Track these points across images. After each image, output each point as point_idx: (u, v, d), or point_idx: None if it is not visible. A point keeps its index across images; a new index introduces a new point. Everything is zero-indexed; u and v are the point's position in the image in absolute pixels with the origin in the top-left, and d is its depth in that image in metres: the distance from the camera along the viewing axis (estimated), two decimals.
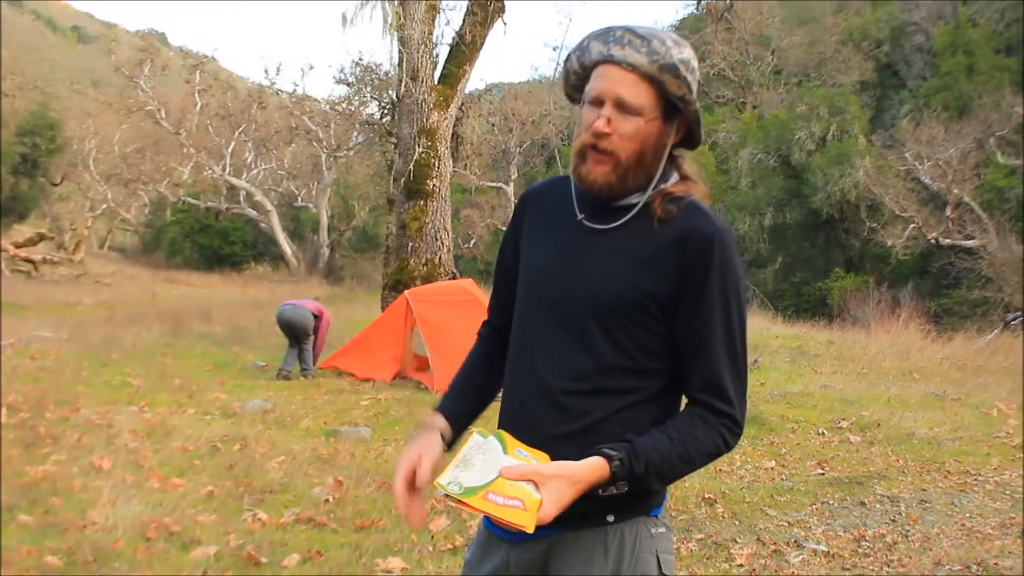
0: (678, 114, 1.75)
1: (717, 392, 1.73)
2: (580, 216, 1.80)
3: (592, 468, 1.63)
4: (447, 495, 1.58)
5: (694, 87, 1.73)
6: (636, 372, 1.73)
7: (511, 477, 1.59)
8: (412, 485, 1.76)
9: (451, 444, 1.91)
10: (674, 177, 1.80)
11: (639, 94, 1.70)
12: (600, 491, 1.65)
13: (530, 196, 1.99)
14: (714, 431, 1.72)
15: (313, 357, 10.85)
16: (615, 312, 1.72)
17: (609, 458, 1.63)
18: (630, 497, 1.68)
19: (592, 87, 1.74)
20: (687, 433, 1.71)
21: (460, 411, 1.96)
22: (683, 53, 1.70)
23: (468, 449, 1.65)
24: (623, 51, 1.69)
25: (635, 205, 1.75)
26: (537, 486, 1.58)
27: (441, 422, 1.90)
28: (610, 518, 1.72)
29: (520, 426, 1.78)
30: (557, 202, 1.86)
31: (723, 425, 1.73)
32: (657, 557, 1.77)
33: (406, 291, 10.93)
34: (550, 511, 1.57)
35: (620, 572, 1.74)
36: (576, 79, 1.81)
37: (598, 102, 1.72)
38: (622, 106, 1.70)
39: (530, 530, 1.54)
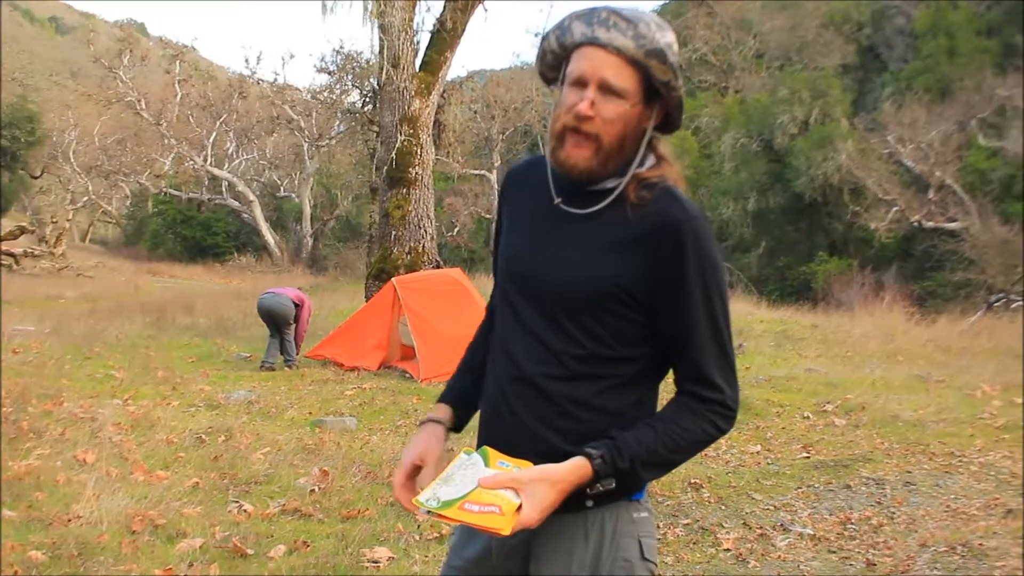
0: (659, 98, 1.72)
1: (703, 381, 1.72)
2: (557, 200, 1.77)
3: (573, 468, 1.62)
4: (428, 512, 1.59)
5: (679, 72, 1.71)
6: (613, 360, 1.72)
7: (489, 486, 1.59)
8: (412, 485, 1.81)
9: (459, 423, 1.96)
10: (650, 160, 1.76)
11: (623, 77, 1.66)
12: (588, 489, 1.65)
13: (512, 175, 1.98)
14: (702, 418, 1.71)
15: (296, 346, 10.81)
16: (587, 301, 1.70)
17: (590, 457, 1.63)
18: None
19: (575, 68, 1.69)
20: (672, 423, 1.70)
21: (465, 386, 1.98)
22: (667, 37, 1.67)
23: (452, 467, 1.66)
24: (608, 34, 1.65)
25: (611, 190, 1.72)
26: (517, 492, 1.58)
27: (443, 411, 1.94)
28: (589, 503, 1.71)
29: (499, 410, 1.78)
30: (536, 183, 1.84)
31: (711, 411, 1.71)
32: (639, 541, 1.76)
33: (393, 279, 10.86)
34: (532, 514, 1.56)
35: (601, 556, 1.73)
36: (553, 59, 1.77)
37: (581, 83, 1.68)
38: (606, 89, 1.66)
39: (505, 532, 1.54)
